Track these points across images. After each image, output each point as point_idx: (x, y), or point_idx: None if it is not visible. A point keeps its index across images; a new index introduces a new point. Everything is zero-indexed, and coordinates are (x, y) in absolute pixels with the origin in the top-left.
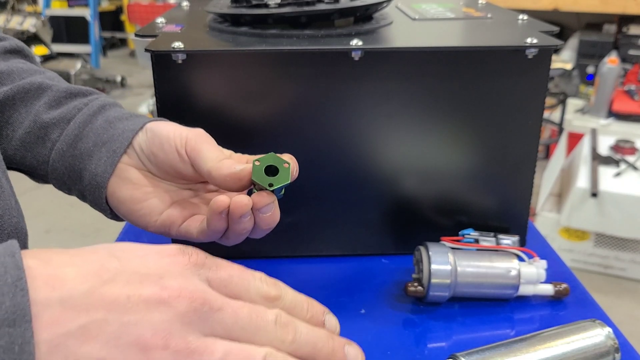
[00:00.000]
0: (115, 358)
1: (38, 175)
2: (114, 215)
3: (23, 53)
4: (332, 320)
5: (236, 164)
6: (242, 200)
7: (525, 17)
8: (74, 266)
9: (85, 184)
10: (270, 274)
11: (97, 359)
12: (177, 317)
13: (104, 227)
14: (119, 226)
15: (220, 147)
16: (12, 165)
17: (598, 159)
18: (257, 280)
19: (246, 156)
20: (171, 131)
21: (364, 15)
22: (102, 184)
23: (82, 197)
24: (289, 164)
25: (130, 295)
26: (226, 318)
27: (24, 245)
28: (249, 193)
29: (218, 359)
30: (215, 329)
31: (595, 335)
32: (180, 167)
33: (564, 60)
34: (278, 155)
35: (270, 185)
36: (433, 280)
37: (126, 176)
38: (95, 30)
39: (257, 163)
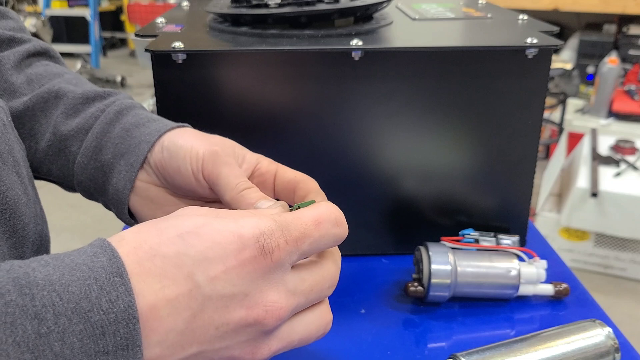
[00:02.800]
0: None
1: (67, 186)
2: None
3: (48, 54)
4: None
5: (257, 198)
6: None
7: (525, 17)
8: (167, 301)
9: (109, 198)
10: None
11: None
12: (262, 332)
13: (105, 228)
14: (120, 227)
15: (238, 155)
16: (41, 175)
17: (598, 159)
18: (327, 286)
19: (266, 162)
20: (187, 151)
21: (364, 15)
22: (123, 200)
23: (109, 209)
24: None
25: (218, 326)
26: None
27: (46, 251)
28: None
29: (295, 345)
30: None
31: (596, 336)
32: (200, 191)
33: (564, 60)
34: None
35: None
36: (433, 280)
37: (146, 195)
38: (95, 30)
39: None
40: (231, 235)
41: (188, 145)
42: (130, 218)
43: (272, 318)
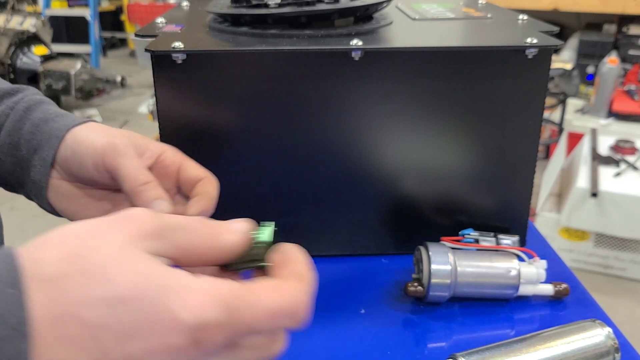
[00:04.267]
0: None
1: None
2: None
3: None
4: None
5: (153, 197)
6: None
7: (525, 17)
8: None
9: (29, 190)
10: None
11: None
12: None
13: None
14: None
15: (139, 159)
16: None
17: (598, 159)
18: None
19: (171, 152)
20: (87, 146)
21: (364, 15)
22: (42, 193)
23: (30, 199)
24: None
25: None
26: None
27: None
28: None
29: None
30: None
31: (595, 336)
32: (105, 182)
33: (564, 60)
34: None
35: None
36: (433, 280)
37: (58, 191)
38: (95, 30)
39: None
40: (165, 314)
41: (89, 140)
42: (53, 209)
43: None
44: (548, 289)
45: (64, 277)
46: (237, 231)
